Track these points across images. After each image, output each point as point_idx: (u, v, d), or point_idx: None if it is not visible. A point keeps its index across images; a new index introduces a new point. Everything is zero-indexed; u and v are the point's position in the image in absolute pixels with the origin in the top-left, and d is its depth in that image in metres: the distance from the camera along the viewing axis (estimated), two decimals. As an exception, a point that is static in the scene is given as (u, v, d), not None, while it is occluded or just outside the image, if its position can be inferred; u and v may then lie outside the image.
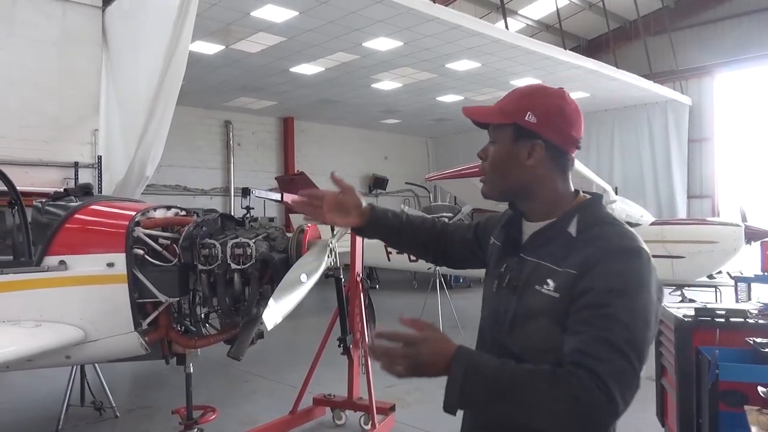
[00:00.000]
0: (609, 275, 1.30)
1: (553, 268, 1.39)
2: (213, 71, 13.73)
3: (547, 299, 1.37)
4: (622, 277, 1.30)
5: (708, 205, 17.94)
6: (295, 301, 3.07)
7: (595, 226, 1.42)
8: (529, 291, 1.42)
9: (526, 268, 1.46)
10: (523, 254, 1.50)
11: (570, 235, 1.41)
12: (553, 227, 1.46)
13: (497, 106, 1.51)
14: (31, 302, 3.38)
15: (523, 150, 1.46)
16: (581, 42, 20.14)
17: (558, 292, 1.35)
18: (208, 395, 5.73)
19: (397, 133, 22.82)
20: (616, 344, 1.23)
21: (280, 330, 3.39)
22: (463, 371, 1.26)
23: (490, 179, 1.54)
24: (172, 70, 6.13)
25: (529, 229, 1.53)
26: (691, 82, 18.22)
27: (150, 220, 3.54)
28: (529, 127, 1.45)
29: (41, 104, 6.85)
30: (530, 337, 1.42)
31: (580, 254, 1.35)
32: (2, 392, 6.32)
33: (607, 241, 1.37)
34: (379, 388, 5.08)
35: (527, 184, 1.49)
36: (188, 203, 14.72)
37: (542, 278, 1.40)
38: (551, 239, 1.44)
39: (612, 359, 1.22)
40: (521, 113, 1.45)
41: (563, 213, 1.47)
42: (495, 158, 1.51)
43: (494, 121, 1.50)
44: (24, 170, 6.45)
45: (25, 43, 6.75)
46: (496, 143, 1.51)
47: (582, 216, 1.44)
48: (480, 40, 12.10)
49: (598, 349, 1.23)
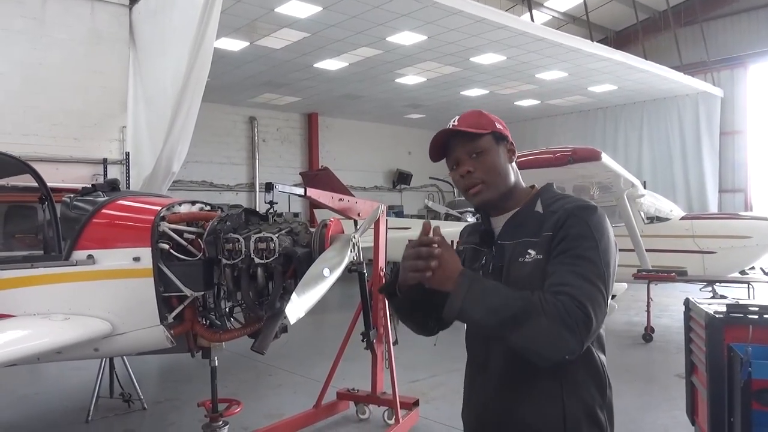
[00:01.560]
0: (575, 226, 1.57)
1: (531, 241, 1.63)
2: (238, 67, 13.84)
3: (533, 263, 1.60)
4: (586, 226, 1.57)
5: (740, 200, 17.52)
6: (318, 296, 3.06)
7: (556, 201, 1.69)
8: (514, 265, 1.64)
9: (507, 251, 1.68)
10: (500, 241, 1.72)
11: (539, 213, 1.68)
12: (523, 212, 1.72)
13: (465, 125, 1.71)
14: (60, 296, 3.44)
15: (504, 152, 1.74)
16: (609, 34, 19.79)
17: (540, 254, 1.60)
18: (233, 388, 5.79)
19: (421, 128, 22.72)
20: (586, 275, 1.50)
21: (304, 325, 3.40)
22: (468, 282, 1.51)
23: (491, 184, 1.71)
24: (198, 66, 6.18)
25: (499, 221, 1.76)
26: (723, 73, 17.79)
27: (175, 215, 3.57)
28: (502, 132, 1.74)
29: (71, 102, 6.98)
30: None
31: (551, 220, 1.62)
32: (35, 383, 6.49)
33: (570, 203, 1.64)
34: (402, 383, 5.08)
35: (511, 180, 1.74)
36: (214, 199, 14.89)
37: (523, 251, 1.63)
38: (524, 221, 1.69)
39: (584, 285, 1.48)
40: (492, 124, 1.73)
41: (527, 200, 1.74)
42: (490, 164, 1.70)
43: (478, 131, 1.71)
44: (55, 167, 6.58)
45: (54, 43, 6.88)
46: (483, 152, 1.70)
47: (543, 197, 1.72)
48: (505, 33, 11.98)
49: (572, 279, 1.49)
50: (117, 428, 5.10)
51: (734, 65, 17.62)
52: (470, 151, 1.71)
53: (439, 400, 5.63)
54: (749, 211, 16.09)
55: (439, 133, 1.74)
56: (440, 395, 5.78)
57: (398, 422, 4.72)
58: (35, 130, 6.75)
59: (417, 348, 7.56)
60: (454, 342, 8.41)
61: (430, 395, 5.73)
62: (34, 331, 3.25)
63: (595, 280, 1.50)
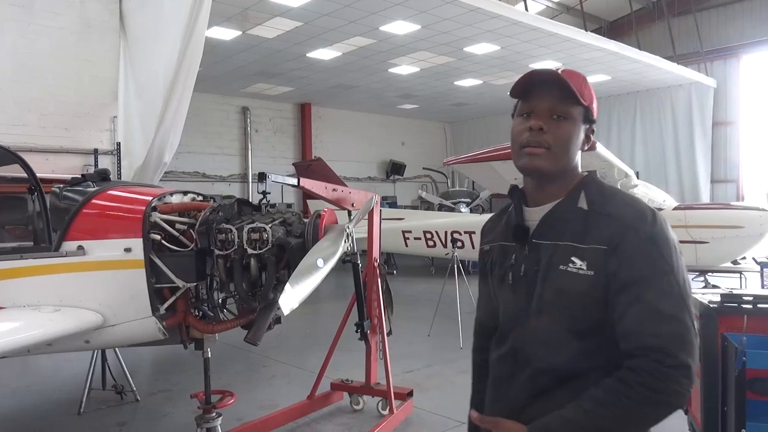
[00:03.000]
0: (638, 246, 1.33)
1: (576, 246, 1.40)
2: (230, 57, 13.72)
3: (580, 278, 1.37)
4: (652, 244, 1.34)
5: (732, 190, 17.58)
6: (312, 286, 3.04)
7: (602, 199, 1.45)
8: (554, 273, 1.41)
9: (544, 252, 1.45)
10: (535, 240, 1.48)
11: (582, 211, 1.44)
12: (564, 206, 1.47)
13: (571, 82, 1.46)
14: (50, 287, 3.41)
15: (583, 133, 1.50)
16: (603, 24, 19.75)
17: (591, 269, 1.36)
18: (226, 380, 5.78)
19: (415, 119, 22.68)
20: (667, 313, 1.27)
21: (297, 315, 3.38)
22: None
23: (555, 154, 1.45)
24: (189, 56, 6.12)
25: (535, 214, 1.52)
26: (716, 63, 17.80)
27: (166, 206, 3.53)
28: (592, 114, 1.50)
29: (61, 92, 6.91)
30: (564, 318, 1.40)
31: (602, 228, 1.38)
32: (27, 375, 6.45)
33: (623, 209, 1.40)
34: (397, 373, 5.08)
35: (573, 164, 1.50)
36: (207, 190, 14.80)
37: (566, 257, 1.40)
38: (565, 218, 1.45)
39: (670, 328, 1.26)
40: (592, 99, 1.49)
41: (569, 191, 1.49)
42: (567, 134, 1.46)
43: (579, 97, 1.45)
44: (45, 157, 6.53)
45: (44, 32, 6.80)
46: (567, 120, 1.45)
47: (587, 191, 1.48)
48: (499, 23, 11.92)
49: (653, 325, 1.27)
50: (110, 420, 5.07)
51: (727, 55, 17.63)
52: (555, 110, 1.45)
53: (433, 391, 5.63)
54: (741, 201, 16.16)
55: (538, 72, 1.46)
56: (435, 386, 5.79)
57: (392, 413, 4.72)
58: (25, 120, 6.68)
59: (411, 339, 7.60)
60: (448, 333, 8.45)
61: (424, 386, 5.73)
62: (24, 322, 3.21)
63: (679, 313, 1.29)
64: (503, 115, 22.37)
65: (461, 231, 10.53)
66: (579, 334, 1.38)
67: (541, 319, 1.44)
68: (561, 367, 1.39)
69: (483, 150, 7.82)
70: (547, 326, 1.43)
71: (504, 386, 1.52)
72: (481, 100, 19.36)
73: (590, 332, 1.37)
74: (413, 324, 8.25)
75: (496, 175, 7.57)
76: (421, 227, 11.20)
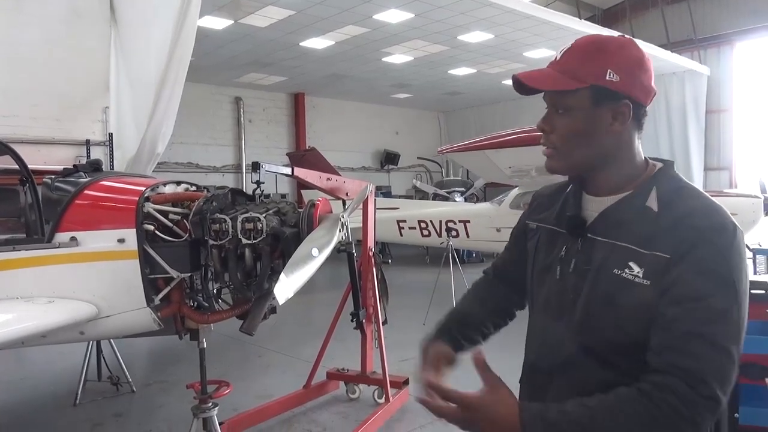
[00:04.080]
0: (709, 260, 1.16)
1: (636, 250, 1.23)
2: (222, 47, 13.62)
3: (634, 286, 1.21)
4: (725, 262, 1.16)
5: (725, 177, 17.66)
6: (307, 276, 3.04)
7: (678, 200, 1.25)
8: (606, 276, 1.26)
9: (599, 251, 1.29)
10: (591, 234, 1.32)
11: (651, 211, 1.25)
12: (629, 202, 1.29)
13: (560, 69, 1.30)
14: (43, 279, 3.39)
15: (606, 114, 1.28)
16: (597, 12, 19.70)
17: (648, 278, 1.20)
18: (222, 370, 5.78)
19: (409, 108, 22.61)
20: (715, 340, 1.12)
21: (293, 305, 3.37)
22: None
23: (564, 153, 1.33)
24: (181, 45, 6.05)
25: (595, 204, 1.35)
26: (709, 51, 17.79)
27: (160, 196, 3.51)
28: (612, 87, 1.25)
29: (51, 82, 6.81)
30: (611, 328, 1.25)
31: (670, 235, 1.20)
32: (22, 368, 6.44)
33: (699, 215, 1.21)
34: (392, 362, 5.09)
35: (609, 152, 1.31)
36: (200, 180, 14.68)
37: (622, 261, 1.24)
38: (629, 217, 1.28)
39: (715, 357, 1.11)
40: (600, 72, 1.25)
41: (638, 185, 1.31)
42: (571, 129, 1.30)
43: (564, 87, 1.29)
44: (36, 148, 6.45)
45: (33, 21, 6.69)
46: (569, 111, 1.30)
47: (661, 188, 1.28)
48: (493, 11, 11.86)
49: (696, 346, 1.11)
50: (106, 411, 5.07)
51: (721, 43, 17.63)
52: (556, 104, 1.32)
53: (428, 379, 5.65)
54: (734, 188, 16.23)
55: (526, 75, 1.34)
56: (430, 374, 5.81)
57: (388, 401, 4.75)
58: (15, 111, 6.59)
59: (406, 327, 7.60)
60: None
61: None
62: (17, 314, 3.20)
63: (728, 343, 1.13)
64: (497, 103, 22.52)
65: (456, 220, 10.52)
66: (625, 349, 1.23)
67: (584, 326, 1.30)
68: (598, 382, 1.23)
69: (477, 139, 7.82)
70: (589, 333, 1.28)
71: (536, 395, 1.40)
72: (475, 89, 19.30)
73: (638, 349, 1.20)
74: (408, 313, 8.26)
75: (490, 163, 7.58)
76: (415, 217, 11.19)
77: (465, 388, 1.24)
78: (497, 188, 12.53)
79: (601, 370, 1.26)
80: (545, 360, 1.39)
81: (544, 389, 1.37)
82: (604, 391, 1.17)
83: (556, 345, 1.35)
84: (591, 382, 1.24)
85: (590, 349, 1.28)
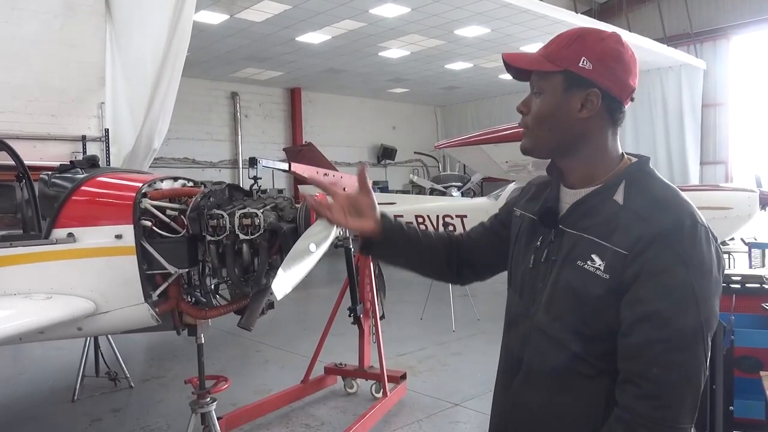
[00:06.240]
0: (666, 268, 1.16)
1: (599, 243, 1.25)
2: (218, 42, 13.57)
3: (594, 278, 1.23)
4: (683, 268, 1.15)
5: (721, 172, 17.69)
6: (305, 271, 3.02)
7: (643, 195, 1.27)
8: (570, 267, 1.28)
9: (567, 242, 1.32)
10: (562, 226, 1.35)
11: (616, 204, 1.27)
12: (597, 195, 1.32)
13: (543, 53, 1.34)
14: (41, 275, 3.38)
15: (575, 100, 1.30)
16: (593, 5, 19.66)
17: (607, 272, 1.21)
18: (220, 365, 5.80)
19: (406, 103, 22.58)
20: (676, 365, 1.14)
21: (291, 300, 3.38)
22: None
23: (533, 134, 1.37)
24: (177, 40, 6.03)
25: (569, 197, 1.38)
26: (705, 45, 17.79)
27: (157, 192, 3.50)
28: (583, 74, 1.28)
29: (47, 78, 6.79)
30: (571, 317, 1.28)
31: (630, 230, 1.21)
32: (20, 364, 6.44)
33: (660, 214, 1.21)
34: (390, 356, 5.11)
35: (576, 138, 1.33)
36: (197, 176, 14.70)
37: (585, 253, 1.26)
38: (595, 209, 1.30)
39: (681, 396, 1.14)
40: (574, 59, 1.28)
41: (608, 178, 1.33)
42: (541, 110, 1.34)
43: (541, 68, 1.33)
44: (32, 144, 6.44)
45: (28, 16, 6.66)
46: (542, 94, 1.34)
47: (630, 182, 1.30)
48: (489, 5, 11.85)
49: (663, 392, 1.14)
50: (104, 407, 5.08)
51: (717, 37, 17.63)
52: (534, 86, 1.37)
53: (426, 373, 5.68)
54: (730, 182, 16.27)
55: (511, 55, 1.38)
56: (427, 368, 5.84)
57: (386, 396, 4.76)
58: (11, 107, 6.56)
59: (404, 322, 7.63)
60: (441, 316, 8.47)
61: (417, 368, 5.78)
62: (15, 311, 3.19)
63: (691, 368, 1.15)
64: (494, 98, 22.51)
65: (453, 215, 10.51)
66: (584, 338, 1.26)
67: (548, 314, 1.34)
68: (561, 368, 1.30)
69: (474, 133, 7.81)
70: (552, 323, 1.32)
71: (507, 378, 1.46)
72: (472, 83, 19.28)
73: (597, 338, 1.24)
74: (406, 308, 8.29)
75: (487, 158, 7.57)
76: (412, 211, 11.17)
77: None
78: (494, 183, 12.53)
79: (561, 356, 1.30)
80: (515, 342, 1.44)
81: (514, 371, 1.42)
82: (566, 377, 1.28)
83: (527, 332, 1.39)
84: (555, 368, 1.30)
85: (552, 336, 1.32)
